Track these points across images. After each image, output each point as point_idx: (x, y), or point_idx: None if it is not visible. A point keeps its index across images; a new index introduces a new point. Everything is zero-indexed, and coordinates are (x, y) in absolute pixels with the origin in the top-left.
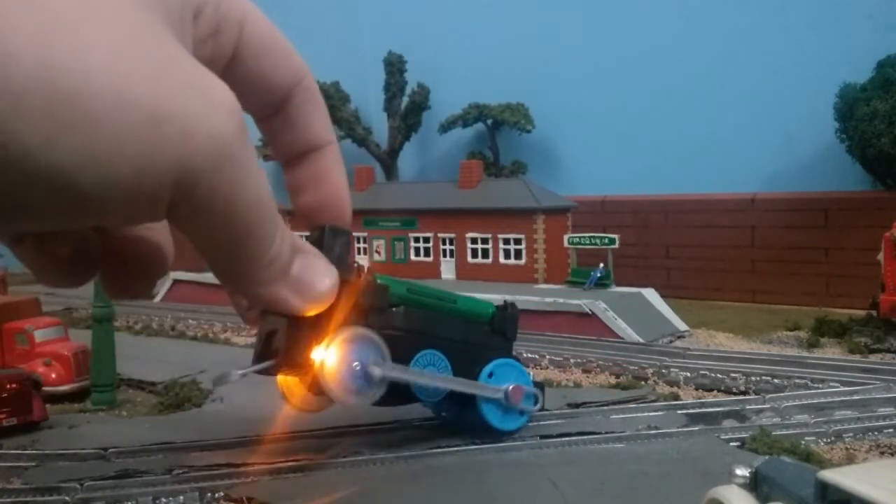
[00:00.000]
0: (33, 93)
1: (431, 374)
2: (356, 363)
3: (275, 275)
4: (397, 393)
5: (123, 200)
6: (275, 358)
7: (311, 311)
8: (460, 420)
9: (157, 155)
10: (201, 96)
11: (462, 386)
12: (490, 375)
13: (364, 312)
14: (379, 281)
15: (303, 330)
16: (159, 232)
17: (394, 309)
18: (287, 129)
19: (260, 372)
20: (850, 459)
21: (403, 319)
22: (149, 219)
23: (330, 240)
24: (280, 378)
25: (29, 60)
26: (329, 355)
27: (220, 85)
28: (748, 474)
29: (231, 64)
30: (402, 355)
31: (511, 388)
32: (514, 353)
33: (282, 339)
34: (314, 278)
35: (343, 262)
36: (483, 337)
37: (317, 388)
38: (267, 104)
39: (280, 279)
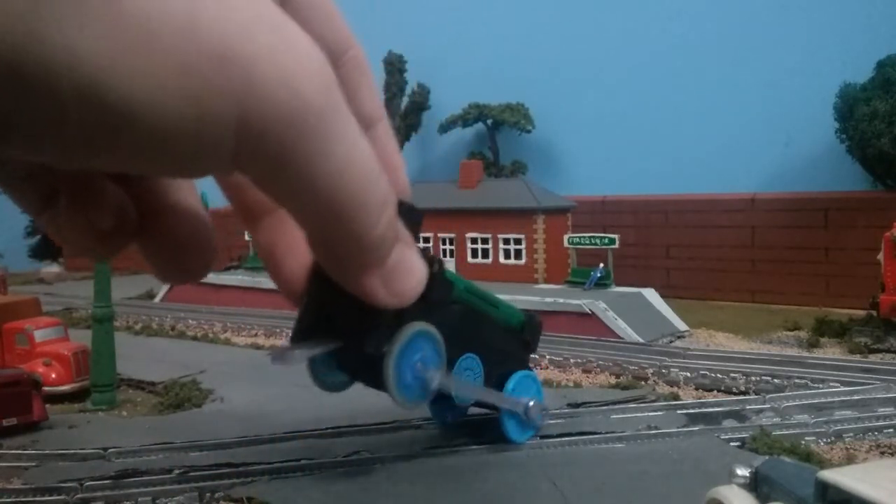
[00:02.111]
0: (98, 10)
1: (474, 386)
2: (419, 362)
3: (374, 262)
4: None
5: (184, 144)
6: (341, 340)
7: (393, 307)
8: (461, 423)
9: (219, 97)
10: (279, 40)
11: (496, 399)
12: (513, 388)
13: (427, 306)
14: (446, 275)
15: (376, 316)
16: (197, 202)
17: (453, 306)
18: None
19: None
20: (850, 459)
21: (458, 319)
22: (213, 172)
23: (407, 220)
24: None
25: None
26: (396, 348)
27: (302, 34)
28: (748, 474)
29: None
30: (449, 356)
31: (532, 403)
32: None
33: (353, 322)
34: (407, 273)
35: (416, 244)
36: (512, 345)
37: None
38: None
39: (376, 268)
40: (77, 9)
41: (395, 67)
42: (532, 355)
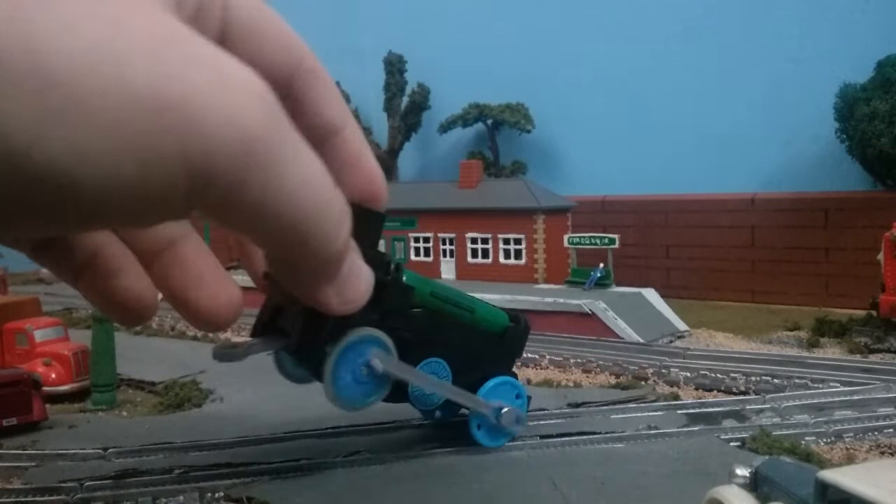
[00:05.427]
0: (17, 79)
1: (435, 380)
2: (364, 367)
3: (331, 275)
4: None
5: (132, 200)
6: (287, 339)
7: (343, 314)
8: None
9: (161, 148)
10: (214, 78)
11: (462, 398)
12: (485, 393)
13: (383, 312)
14: (405, 281)
15: (321, 319)
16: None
17: (413, 311)
18: (296, 117)
19: (267, 349)
20: (850, 459)
21: (418, 323)
22: (168, 219)
23: (365, 224)
24: None
25: (8, 41)
26: (337, 353)
27: (239, 66)
28: (748, 474)
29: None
30: (406, 361)
31: (506, 410)
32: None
33: (298, 324)
34: (357, 282)
35: (376, 249)
36: (490, 350)
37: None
38: None
39: (332, 280)
40: None
41: (395, 67)
42: (519, 359)
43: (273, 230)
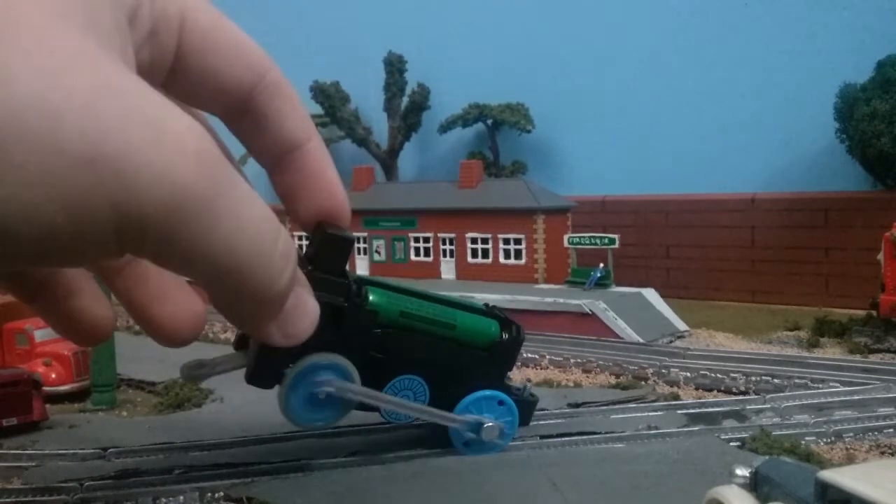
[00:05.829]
0: None
1: (399, 401)
2: (321, 392)
3: (270, 315)
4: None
5: (64, 247)
6: (246, 364)
7: (286, 346)
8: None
9: (92, 200)
10: (148, 133)
11: (434, 417)
12: (465, 407)
13: (345, 336)
14: (373, 301)
15: (274, 348)
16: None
17: (378, 331)
18: (259, 131)
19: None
20: (850, 459)
21: (387, 343)
22: (101, 261)
23: (331, 250)
24: None
25: None
26: (291, 379)
27: (179, 118)
28: (748, 474)
29: (176, 65)
30: (376, 379)
31: (487, 425)
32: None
33: (253, 350)
34: (300, 317)
35: (339, 273)
36: (474, 364)
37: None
38: (229, 106)
39: (273, 318)
40: None
41: (395, 67)
42: (511, 370)
43: (206, 275)
